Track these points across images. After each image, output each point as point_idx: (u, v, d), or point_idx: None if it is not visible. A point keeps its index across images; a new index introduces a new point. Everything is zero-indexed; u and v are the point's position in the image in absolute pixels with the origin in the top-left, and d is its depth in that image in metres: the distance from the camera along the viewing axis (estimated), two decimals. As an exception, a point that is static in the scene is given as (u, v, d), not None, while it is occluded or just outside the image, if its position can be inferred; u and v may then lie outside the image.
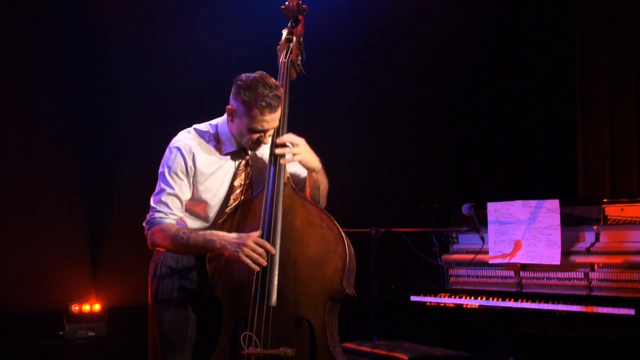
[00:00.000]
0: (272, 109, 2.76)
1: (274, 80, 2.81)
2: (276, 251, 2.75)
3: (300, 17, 3.01)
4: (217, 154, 2.90)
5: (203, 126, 2.95)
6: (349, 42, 5.43)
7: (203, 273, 2.88)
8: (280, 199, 2.80)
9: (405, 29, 5.52)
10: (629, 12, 5.14)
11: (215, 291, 2.84)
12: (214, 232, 2.81)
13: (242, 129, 2.83)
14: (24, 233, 5.12)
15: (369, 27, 5.51)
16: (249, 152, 2.95)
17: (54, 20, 5.34)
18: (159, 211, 2.86)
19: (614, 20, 5.22)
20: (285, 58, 2.95)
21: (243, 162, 2.94)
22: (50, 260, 5.21)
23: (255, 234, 2.74)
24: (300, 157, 2.86)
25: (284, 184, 2.84)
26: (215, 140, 2.91)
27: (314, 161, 2.90)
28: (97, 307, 5.12)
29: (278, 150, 2.84)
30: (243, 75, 2.81)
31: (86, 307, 5.07)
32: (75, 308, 5.03)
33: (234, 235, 2.77)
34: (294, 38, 2.98)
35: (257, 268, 2.71)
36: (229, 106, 2.85)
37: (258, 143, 2.86)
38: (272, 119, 2.80)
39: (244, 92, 2.76)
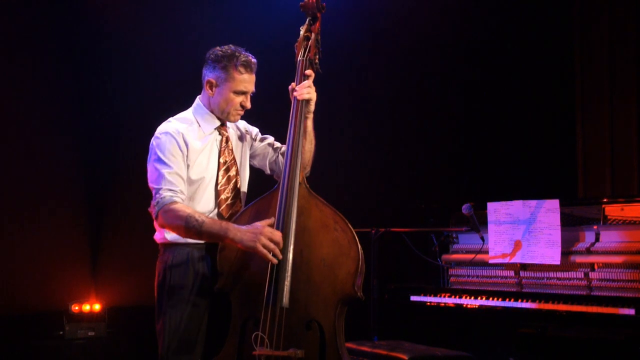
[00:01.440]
0: (250, 69, 2.94)
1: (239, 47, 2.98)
2: (289, 252, 2.75)
3: (318, 15, 2.99)
4: (201, 134, 2.99)
5: (178, 115, 3.05)
6: (349, 42, 5.43)
7: (213, 272, 2.88)
8: (295, 199, 2.79)
9: (404, 29, 5.52)
10: (628, 12, 5.14)
11: (225, 290, 2.83)
12: (230, 223, 2.81)
13: (225, 95, 2.95)
14: (25, 233, 5.13)
15: (369, 27, 5.50)
16: (227, 130, 3.04)
17: (53, 21, 5.34)
18: (167, 189, 2.84)
19: (613, 21, 5.22)
20: (303, 56, 2.96)
21: (223, 139, 3.02)
22: (50, 260, 5.21)
23: (268, 222, 2.75)
24: (315, 96, 2.95)
25: (299, 183, 2.83)
26: (195, 124, 3.00)
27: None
28: (97, 307, 5.12)
29: (298, 88, 2.92)
30: (215, 48, 2.99)
31: (86, 307, 5.07)
32: (75, 308, 5.03)
33: (248, 226, 2.76)
34: (312, 36, 2.97)
35: (275, 260, 2.71)
36: (207, 79, 2.98)
37: (242, 108, 2.98)
38: (251, 80, 2.97)
39: (222, 59, 2.94)
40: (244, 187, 3.08)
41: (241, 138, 3.13)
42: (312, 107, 2.96)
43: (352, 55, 5.53)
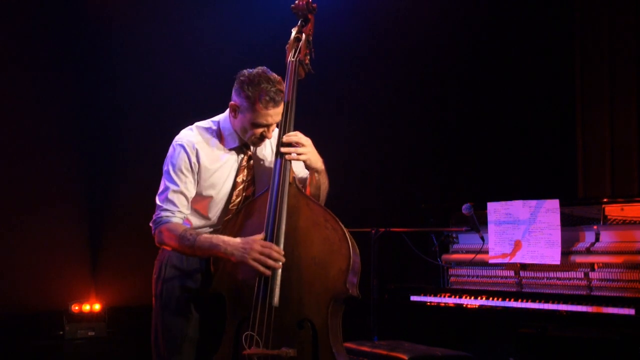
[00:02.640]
0: (276, 103, 2.80)
1: (276, 75, 2.84)
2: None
3: (310, 16, 2.96)
4: (220, 149, 2.92)
5: (205, 123, 2.97)
6: (348, 42, 5.43)
7: (208, 273, 2.87)
8: (285, 199, 2.78)
9: (404, 28, 5.52)
10: (629, 12, 5.14)
11: (219, 291, 2.83)
12: (220, 236, 2.80)
13: (245, 124, 2.84)
14: (25, 233, 5.12)
15: (368, 26, 5.51)
16: (251, 148, 2.96)
17: (54, 20, 5.33)
18: (166, 209, 2.84)
19: (613, 20, 5.22)
20: (293, 57, 2.91)
21: (245, 158, 2.95)
22: (50, 260, 5.21)
23: (259, 237, 2.74)
24: (305, 157, 2.84)
25: (289, 183, 2.81)
26: (218, 137, 2.93)
27: (318, 162, 2.89)
28: (97, 307, 5.12)
29: (284, 149, 2.82)
30: (245, 71, 2.85)
31: (86, 307, 5.08)
32: (75, 308, 5.03)
33: (238, 240, 2.75)
34: (303, 37, 2.93)
35: (269, 272, 2.69)
36: (231, 102, 2.87)
37: (262, 138, 2.88)
38: (276, 113, 2.82)
39: (247, 87, 2.79)
40: None
41: (273, 150, 3.02)
42: (315, 165, 2.86)
43: (352, 54, 5.53)
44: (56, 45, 5.35)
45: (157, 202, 2.88)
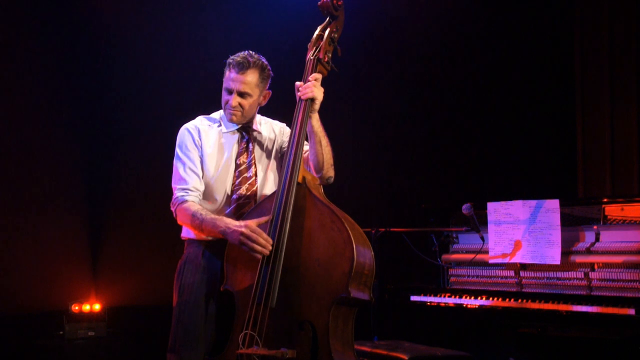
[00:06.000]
0: (239, 67, 2.94)
1: (253, 54, 2.99)
2: (282, 251, 2.74)
3: (336, 14, 2.98)
4: (220, 133, 3.05)
5: (211, 114, 3.14)
6: (350, 42, 5.42)
7: (222, 269, 2.92)
8: (291, 200, 2.78)
9: (405, 29, 5.52)
10: (629, 13, 5.14)
11: (230, 289, 2.85)
12: (224, 218, 2.90)
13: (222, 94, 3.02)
14: (25, 233, 5.13)
15: (369, 27, 5.50)
16: (250, 132, 3.06)
17: (54, 20, 5.33)
18: (180, 189, 2.98)
19: (614, 21, 5.22)
20: (312, 56, 2.95)
21: (244, 141, 3.06)
22: (50, 260, 5.22)
23: (256, 221, 2.78)
24: (320, 95, 2.90)
25: (299, 184, 2.82)
26: (219, 122, 3.08)
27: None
28: (97, 307, 5.13)
29: (309, 89, 2.87)
30: None
31: (86, 307, 5.08)
32: (75, 308, 5.04)
33: (237, 222, 2.83)
34: (325, 34, 2.96)
35: (257, 255, 2.73)
36: None
37: (231, 109, 2.98)
38: (238, 79, 2.95)
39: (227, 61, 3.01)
40: (264, 190, 3.07)
41: (273, 141, 3.13)
42: (317, 106, 2.92)
43: (352, 55, 5.51)
44: (56, 45, 5.35)
45: (173, 185, 3.02)
